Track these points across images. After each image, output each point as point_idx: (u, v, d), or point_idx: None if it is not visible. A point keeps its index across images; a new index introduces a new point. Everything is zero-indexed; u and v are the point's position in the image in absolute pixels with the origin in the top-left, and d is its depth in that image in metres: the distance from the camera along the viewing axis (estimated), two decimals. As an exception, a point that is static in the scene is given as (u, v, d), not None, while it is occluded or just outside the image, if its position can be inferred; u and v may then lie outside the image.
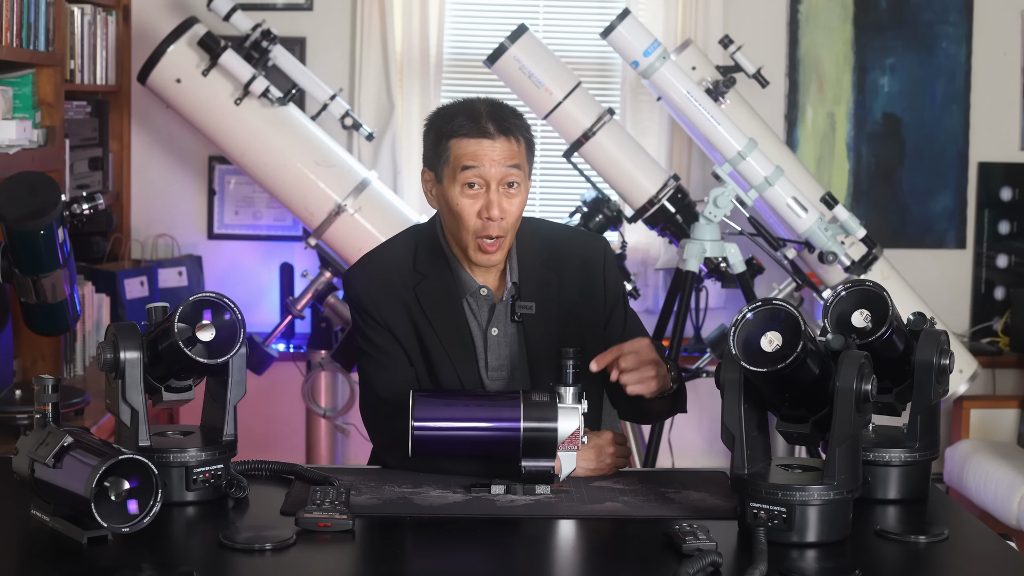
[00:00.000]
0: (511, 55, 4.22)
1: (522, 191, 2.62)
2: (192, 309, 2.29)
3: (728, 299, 5.09)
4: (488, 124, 2.58)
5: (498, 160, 2.58)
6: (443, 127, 2.62)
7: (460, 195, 2.59)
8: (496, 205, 2.57)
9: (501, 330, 2.67)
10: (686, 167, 5.08)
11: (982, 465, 4.68)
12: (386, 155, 5.00)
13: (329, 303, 4.61)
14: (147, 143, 5.10)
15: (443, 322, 2.65)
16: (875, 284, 2.47)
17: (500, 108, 2.64)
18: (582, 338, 2.64)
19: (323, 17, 5.10)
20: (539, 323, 2.67)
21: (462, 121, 2.60)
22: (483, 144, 2.58)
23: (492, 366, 2.67)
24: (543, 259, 2.71)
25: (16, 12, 3.49)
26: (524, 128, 2.64)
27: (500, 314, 2.67)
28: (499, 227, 2.59)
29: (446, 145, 2.61)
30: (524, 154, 2.62)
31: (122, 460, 2.05)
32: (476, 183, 2.58)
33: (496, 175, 2.58)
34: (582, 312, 2.71)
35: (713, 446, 4.99)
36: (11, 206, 2.82)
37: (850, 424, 2.17)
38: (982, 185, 5.34)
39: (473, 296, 2.67)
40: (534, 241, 2.72)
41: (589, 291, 2.73)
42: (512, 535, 2.26)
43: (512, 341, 2.68)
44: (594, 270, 2.75)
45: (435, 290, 2.65)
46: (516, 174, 2.60)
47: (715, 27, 5.01)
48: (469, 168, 2.58)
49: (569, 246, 2.76)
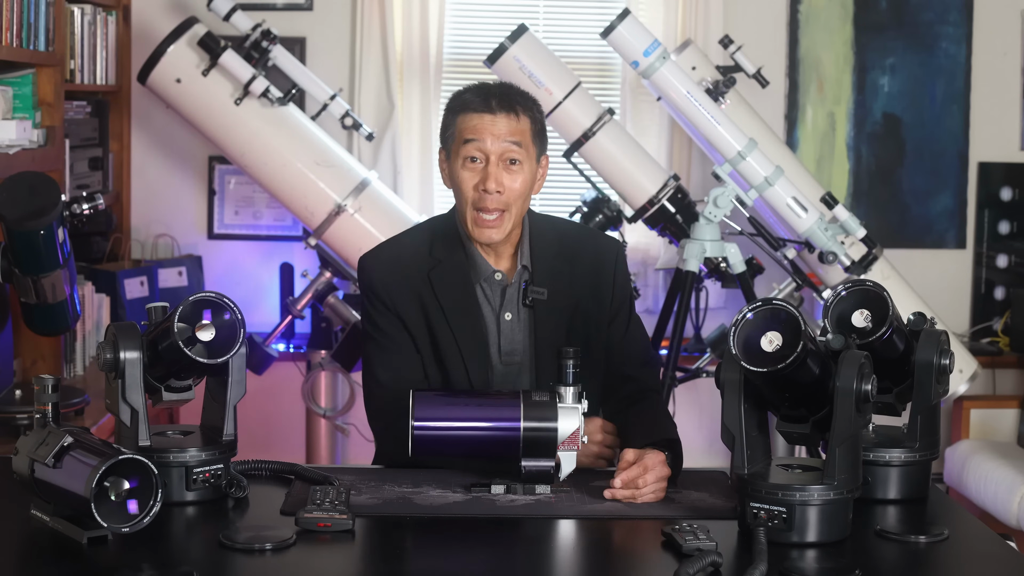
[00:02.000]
0: (511, 55, 4.22)
1: (524, 170, 2.64)
2: (192, 309, 2.29)
3: (728, 299, 5.09)
4: (492, 100, 2.64)
5: (499, 135, 2.62)
6: (452, 103, 2.69)
7: (462, 168, 2.64)
8: (493, 178, 2.61)
9: (514, 315, 2.70)
10: (686, 167, 5.08)
11: (982, 465, 4.68)
12: (386, 155, 5.00)
13: (329, 303, 4.61)
14: (147, 143, 5.10)
15: (454, 307, 2.67)
16: (875, 284, 2.47)
17: (509, 88, 2.70)
18: (587, 332, 2.68)
19: (323, 17, 5.10)
20: (549, 310, 2.69)
21: (469, 97, 2.66)
22: (484, 119, 2.62)
23: (505, 351, 2.69)
24: (556, 250, 2.74)
25: (16, 12, 3.49)
26: (531, 109, 2.67)
27: (512, 299, 2.70)
28: (496, 200, 2.61)
29: (453, 120, 2.67)
30: (529, 134, 2.65)
31: (122, 460, 2.05)
32: (477, 157, 2.63)
33: (496, 149, 2.62)
34: (590, 306, 2.73)
35: (713, 446, 4.98)
36: (11, 206, 2.82)
37: (850, 424, 2.17)
38: (982, 185, 5.34)
39: (487, 281, 2.69)
40: (549, 232, 2.76)
41: (598, 288, 2.75)
42: (512, 535, 2.26)
43: (525, 326, 2.70)
44: (605, 268, 2.77)
45: (449, 274, 2.69)
46: (517, 151, 2.63)
47: (715, 27, 5.01)
48: (470, 141, 2.63)
49: (583, 242, 2.80)
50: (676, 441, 2.55)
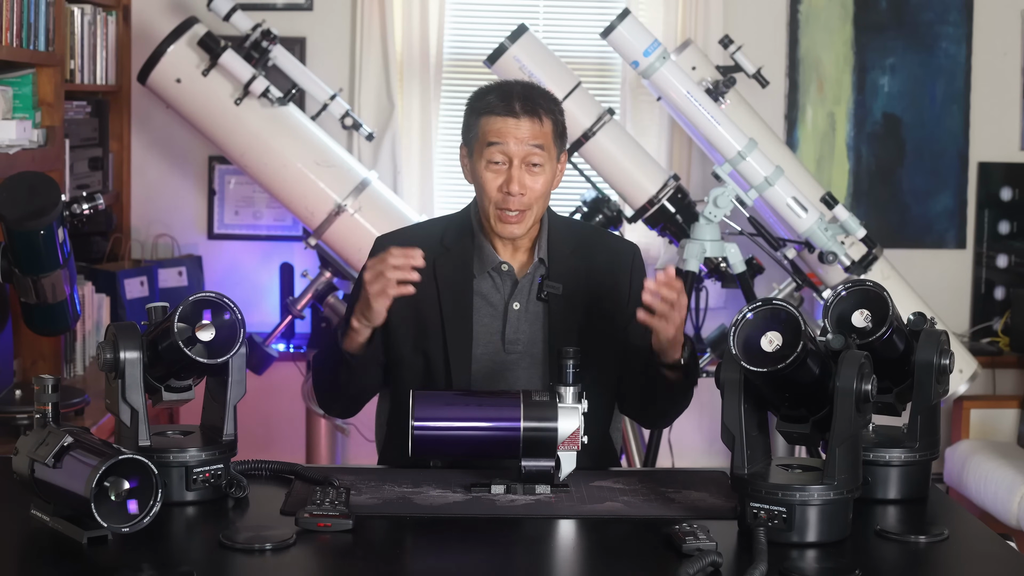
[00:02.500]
0: (511, 55, 4.22)
1: (546, 171, 2.69)
2: (192, 309, 2.30)
3: (728, 299, 5.09)
4: (516, 103, 2.68)
5: (522, 139, 2.67)
6: (475, 104, 2.74)
7: (485, 169, 2.69)
8: (516, 181, 2.66)
9: (523, 306, 2.73)
10: (686, 167, 5.08)
11: (982, 465, 4.68)
12: (386, 155, 5.00)
13: (329, 303, 4.61)
14: (147, 143, 5.10)
15: (450, 295, 2.71)
16: (875, 284, 2.47)
17: (532, 89, 2.74)
18: (604, 330, 2.71)
19: (323, 17, 5.10)
20: (565, 306, 2.73)
21: (493, 99, 2.70)
22: (508, 123, 2.67)
23: (509, 339, 2.72)
24: (573, 247, 2.78)
25: (16, 12, 3.49)
26: (552, 111, 2.72)
27: (524, 290, 2.73)
28: (519, 202, 2.67)
29: (476, 121, 2.71)
30: (551, 136, 2.70)
31: (122, 460, 2.05)
32: (500, 159, 2.68)
33: (519, 153, 2.67)
34: (606, 306, 2.76)
35: (713, 446, 4.99)
36: (11, 206, 2.82)
37: (850, 424, 2.17)
38: (982, 185, 5.34)
39: (495, 271, 2.73)
40: (566, 230, 2.81)
41: (615, 286, 2.78)
42: (512, 535, 2.25)
43: (533, 318, 2.73)
44: (621, 270, 2.81)
45: (453, 263, 2.73)
46: (539, 154, 2.68)
47: (715, 27, 5.01)
48: (494, 144, 2.68)
49: (601, 243, 2.86)
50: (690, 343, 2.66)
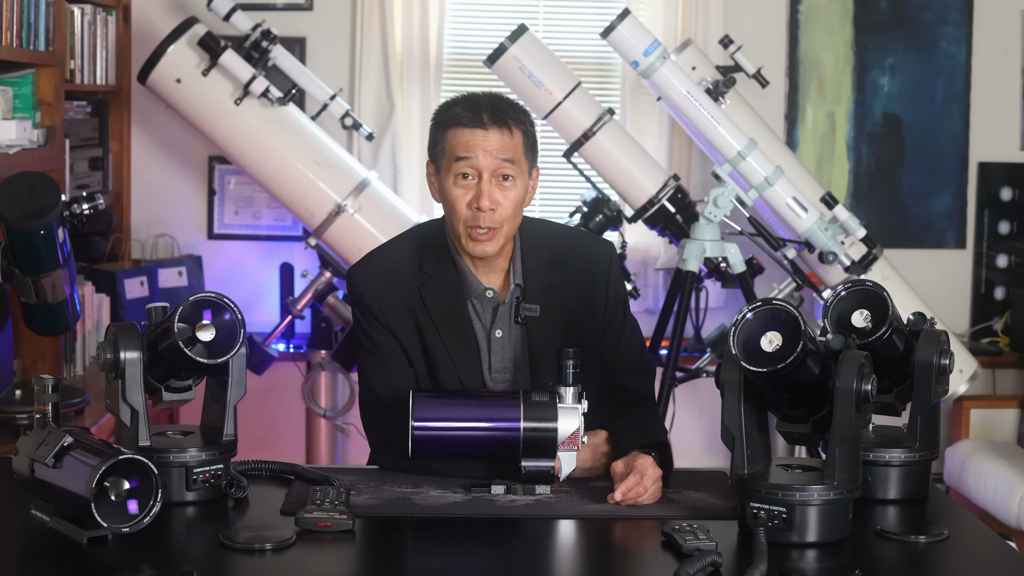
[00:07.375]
0: (511, 55, 4.22)
1: (517, 185, 2.58)
2: (192, 309, 2.29)
3: (728, 299, 5.09)
4: (484, 114, 2.56)
5: (491, 151, 2.55)
6: (441, 117, 2.62)
7: (453, 185, 2.58)
8: (487, 196, 2.55)
9: (505, 332, 2.65)
10: (686, 167, 5.08)
11: (982, 465, 4.68)
12: (386, 155, 5.00)
13: (329, 303, 4.61)
14: (147, 143, 5.10)
15: (447, 323, 2.63)
16: (875, 284, 2.47)
17: (499, 100, 2.61)
18: (581, 341, 2.62)
19: (323, 17, 5.10)
20: (543, 325, 2.65)
21: (459, 111, 2.58)
22: (476, 134, 2.55)
23: (496, 368, 2.66)
24: (548, 261, 2.68)
25: (16, 12, 3.49)
26: (522, 122, 2.60)
27: (504, 316, 2.66)
28: (490, 218, 2.56)
29: (443, 135, 2.60)
30: (521, 148, 2.59)
31: (122, 460, 2.05)
32: (469, 173, 2.56)
33: (488, 166, 2.55)
34: (583, 317, 2.69)
35: (713, 446, 4.99)
36: (11, 206, 2.82)
37: (850, 424, 2.17)
38: (982, 185, 5.34)
39: (478, 298, 2.65)
40: (539, 243, 2.70)
41: (591, 295, 2.70)
42: (512, 535, 2.26)
43: (516, 343, 2.66)
44: (598, 273, 2.72)
45: (440, 290, 2.63)
46: (509, 167, 2.57)
47: (715, 27, 5.01)
48: (462, 159, 2.56)
49: (575, 247, 2.73)
50: (665, 443, 2.53)
